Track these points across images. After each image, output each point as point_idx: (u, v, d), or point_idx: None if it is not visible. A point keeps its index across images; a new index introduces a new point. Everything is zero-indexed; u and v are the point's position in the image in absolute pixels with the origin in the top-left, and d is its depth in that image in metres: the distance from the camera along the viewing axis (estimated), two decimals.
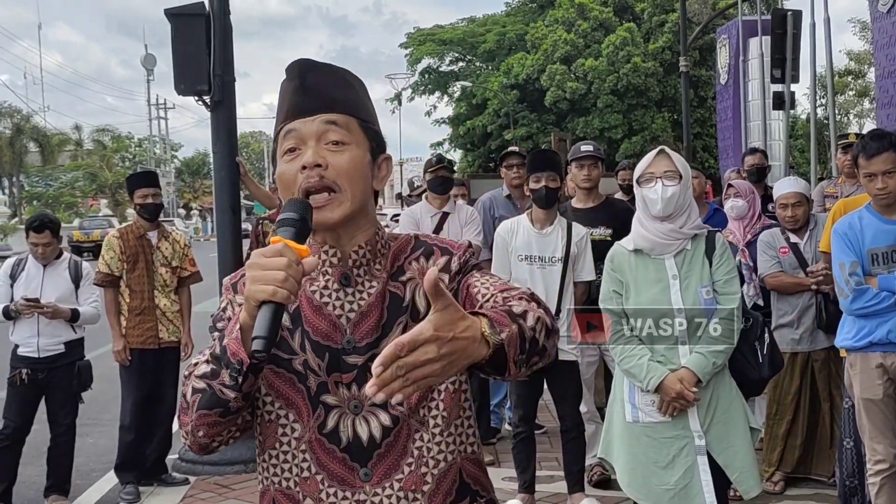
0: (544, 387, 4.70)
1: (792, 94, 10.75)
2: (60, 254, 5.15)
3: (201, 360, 1.44)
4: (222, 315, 1.55)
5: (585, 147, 5.14)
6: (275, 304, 1.31)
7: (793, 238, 4.76)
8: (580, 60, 31.58)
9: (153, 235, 5.36)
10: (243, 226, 6.61)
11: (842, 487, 4.23)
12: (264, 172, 61.73)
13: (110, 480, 5.52)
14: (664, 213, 3.27)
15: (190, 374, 1.45)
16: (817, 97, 21.61)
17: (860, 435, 3.91)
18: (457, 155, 36.49)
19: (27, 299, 4.89)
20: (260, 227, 7.15)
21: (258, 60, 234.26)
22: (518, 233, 4.65)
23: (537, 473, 4.75)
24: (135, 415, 5.26)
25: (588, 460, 4.74)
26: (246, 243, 6.40)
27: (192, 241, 15.00)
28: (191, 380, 1.44)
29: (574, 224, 4.67)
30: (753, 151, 7.34)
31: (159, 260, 5.33)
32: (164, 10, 5.58)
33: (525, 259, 4.61)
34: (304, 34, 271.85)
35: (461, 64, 38.67)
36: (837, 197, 6.06)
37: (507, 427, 5.90)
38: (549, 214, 4.62)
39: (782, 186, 4.91)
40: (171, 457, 5.62)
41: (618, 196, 6.62)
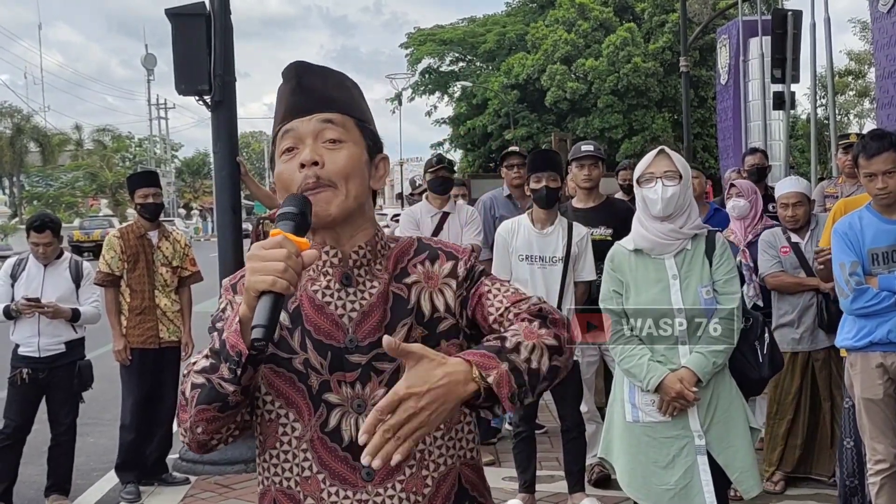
0: None
1: (792, 94, 10.74)
2: (61, 253, 5.15)
3: (200, 357, 1.45)
4: (221, 315, 1.56)
5: (586, 147, 5.14)
6: (274, 295, 1.32)
7: (794, 238, 4.76)
8: (580, 60, 31.59)
9: (154, 235, 5.36)
10: (244, 226, 6.61)
11: (842, 487, 4.23)
12: (265, 172, 61.68)
13: (111, 480, 5.52)
14: (664, 213, 3.27)
15: (189, 372, 1.46)
16: (817, 97, 21.58)
17: (860, 435, 3.91)
18: (457, 155, 36.51)
19: (28, 299, 4.89)
20: (261, 226, 7.17)
21: (258, 60, 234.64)
22: (518, 233, 4.65)
23: (538, 473, 4.76)
24: (135, 414, 5.26)
25: (588, 460, 4.74)
26: (246, 243, 6.38)
27: (192, 241, 15.02)
28: (190, 377, 1.45)
29: (575, 224, 4.67)
30: (754, 151, 7.33)
31: (160, 260, 5.33)
32: (165, 9, 5.58)
33: (526, 259, 4.61)
34: (304, 34, 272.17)
35: (461, 64, 38.68)
36: (838, 197, 6.06)
37: (507, 427, 5.89)
38: (549, 214, 4.63)
39: (783, 186, 4.91)
40: (172, 456, 5.62)
41: (618, 196, 6.61)
